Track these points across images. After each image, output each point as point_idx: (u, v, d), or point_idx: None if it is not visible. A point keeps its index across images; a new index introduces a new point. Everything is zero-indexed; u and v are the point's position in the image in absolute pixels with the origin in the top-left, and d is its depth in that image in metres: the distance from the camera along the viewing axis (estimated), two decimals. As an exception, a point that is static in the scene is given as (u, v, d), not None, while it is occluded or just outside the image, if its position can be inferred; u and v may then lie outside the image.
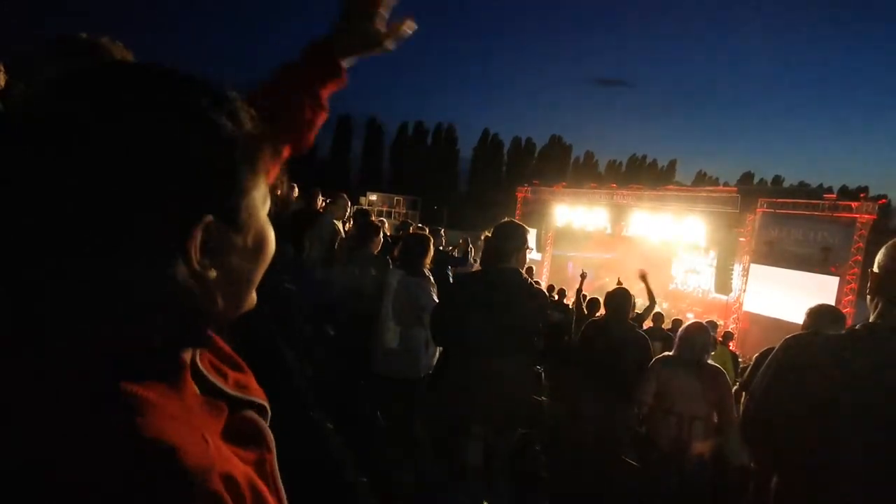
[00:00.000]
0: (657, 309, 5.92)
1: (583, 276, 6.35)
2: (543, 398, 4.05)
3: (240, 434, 0.48)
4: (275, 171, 0.50)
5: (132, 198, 0.38)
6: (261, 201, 0.48)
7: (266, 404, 0.56)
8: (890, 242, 1.28)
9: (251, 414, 0.53)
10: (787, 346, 1.35)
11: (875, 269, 1.27)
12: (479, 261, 2.79)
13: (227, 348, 0.57)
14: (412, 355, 3.03)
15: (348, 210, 5.17)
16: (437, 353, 3.00)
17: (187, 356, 0.45)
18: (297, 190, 6.85)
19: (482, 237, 2.81)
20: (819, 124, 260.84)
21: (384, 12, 0.82)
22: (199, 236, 0.41)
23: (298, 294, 5.09)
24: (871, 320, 1.27)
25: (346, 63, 0.85)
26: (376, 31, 0.83)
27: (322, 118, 0.85)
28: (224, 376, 0.54)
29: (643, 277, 5.10)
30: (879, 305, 1.25)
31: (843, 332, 1.30)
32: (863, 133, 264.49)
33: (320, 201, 5.79)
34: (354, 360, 3.46)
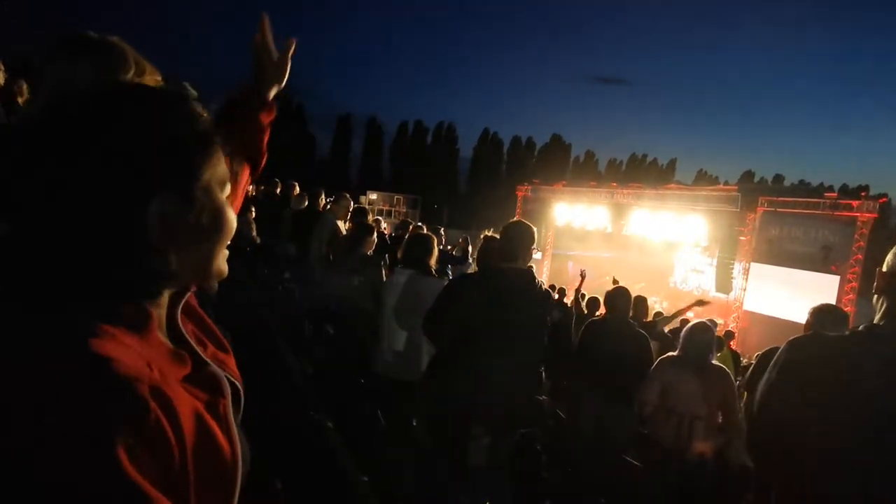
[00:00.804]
0: (658, 308, 5.92)
1: (582, 276, 6.36)
2: (544, 397, 4.05)
3: (199, 382, 0.56)
4: (232, 161, 0.62)
5: (103, 173, 0.49)
6: (217, 185, 0.57)
7: (239, 385, 0.63)
8: None
9: (213, 369, 0.61)
10: (790, 348, 1.34)
11: (884, 268, 1.25)
12: (476, 260, 2.78)
13: (218, 333, 0.68)
14: (414, 356, 3.02)
15: (349, 210, 5.18)
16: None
17: (153, 310, 0.54)
18: (297, 189, 6.85)
19: (481, 236, 2.81)
20: (820, 123, 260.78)
21: (271, 45, 1.03)
22: (154, 209, 0.50)
23: (300, 293, 5.09)
24: (875, 321, 1.26)
25: (271, 95, 1.05)
26: (276, 63, 1.03)
27: (265, 138, 1.06)
28: (204, 346, 0.63)
29: (700, 303, 5.35)
30: (885, 305, 1.24)
31: (847, 332, 1.28)
32: (864, 131, 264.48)
33: (323, 201, 5.79)
34: (355, 360, 3.46)
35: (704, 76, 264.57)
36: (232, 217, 0.59)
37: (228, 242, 0.60)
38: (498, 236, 2.71)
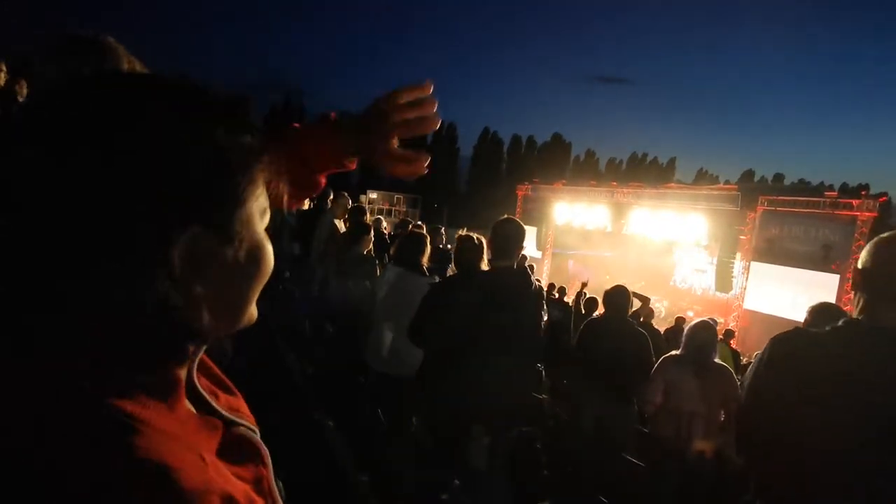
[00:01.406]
0: (658, 307, 5.94)
1: (584, 284, 6.41)
2: (544, 396, 4.05)
3: (236, 451, 0.47)
4: (277, 187, 0.48)
5: (113, 204, 0.37)
6: (258, 215, 0.46)
7: (256, 429, 0.54)
8: (874, 240, 1.29)
9: (245, 430, 0.52)
10: (773, 344, 1.36)
11: (859, 265, 1.28)
12: (454, 261, 2.77)
13: (217, 371, 0.56)
14: (410, 354, 3.02)
15: (347, 208, 5.19)
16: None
17: (181, 372, 0.44)
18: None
19: (455, 236, 2.81)
20: (820, 122, 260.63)
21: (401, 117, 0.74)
22: (184, 247, 0.39)
23: (300, 292, 5.10)
24: (855, 316, 1.28)
25: (349, 160, 0.77)
26: (381, 150, 0.75)
27: (308, 194, 0.80)
28: (216, 397, 0.52)
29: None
30: (861, 302, 1.27)
31: (828, 328, 1.31)
32: (864, 130, 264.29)
33: (330, 201, 5.80)
34: (354, 359, 3.46)
35: (705, 75, 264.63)
36: (271, 255, 0.48)
37: (264, 283, 0.49)
38: (473, 236, 2.70)
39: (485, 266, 2.64)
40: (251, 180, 0.44)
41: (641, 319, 5.64)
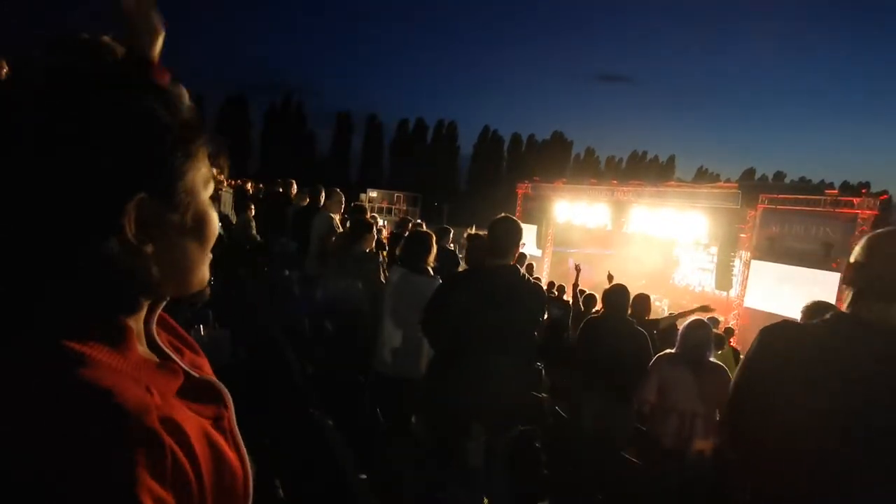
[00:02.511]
0: (658, 305, 5.89)
1: (577, 270, 6.37)
2: (543, 395, 4.05)
3: (197, 394, 0.52)
4: (218, 158, 0.54)
5: (69, 175, 0.42)
6: (200, 184, 0.51)
7: (221, 387, 0.58)
8: (868, 235, 1.31)
9: (208, 377, 0.57)
10: (761, 336, 1.38)
11: (851, 259, 1.30)
12: (465, 258, 2.77)
13: (185, 335, 0.62)
14: (412, 354, 3.02)
15: (343, 205, 5.19)
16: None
17: (131, 322, 0.49)
18: (294, 187, 6.87)
19: (464, 235, 2.81)
20: (820, 120, 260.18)
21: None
22: (132, 212, 0.45)
23: (300, 291, 5.09)
24: (844, 309, 1.30)
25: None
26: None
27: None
28: (180, 354, 0.58)
29: (704, 309, 5.34)
30: (849, 296, 1.29)
31: (815, 321, 1.33)
32: (865, 128, 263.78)
33: (323, 197, 5.80)
34: (355, 358, 3.47)
35: (705, 73, 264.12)
36: (215, 221, 0.54)
37: (210, 247, 0.54)
38: (482, 234, 2.70)
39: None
40: (191, 153, 0.50)
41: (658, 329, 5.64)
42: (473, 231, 2.56)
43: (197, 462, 0.45)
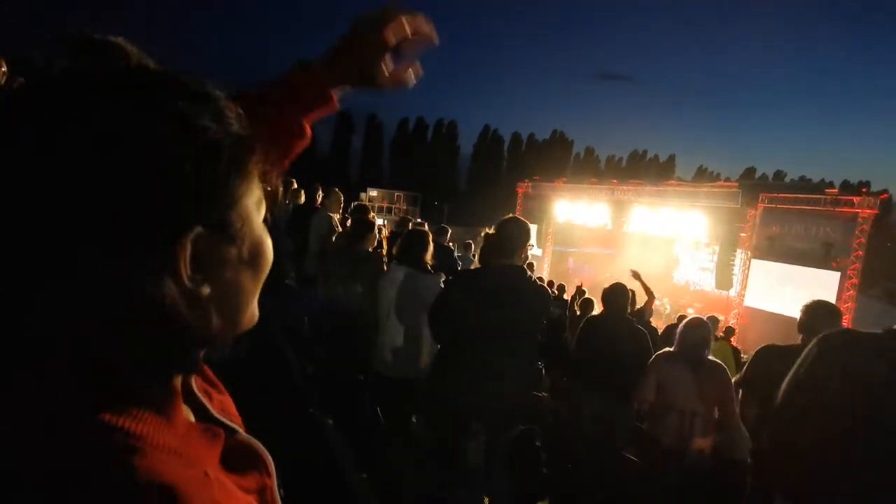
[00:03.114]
0: (658, 304, 5.92)
1: (579, 287, 6.43)
2: (543, 394, 4.05)
3: (239, 460, 0.45)
4: (271, 175, 0.46)
5: (111, 212, 0.34)
6: (255, 208, 0.44)
7: (262, 449, 0.51)
8: None
9: (248, 437, 0.50)
10: (820, 345, 1.34)
11: None
12: (478, 257, 2.77)
13: (207, 369, 0.54)
14: (413, 353, 3.02)
15: (342, 204, 5.18)
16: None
17: (178, 382, 0.42)
18: (295, 185, 6.86)
19: (482, 233, 2.81)
20: (821, 119, 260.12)
21: (394, 46, 0.68)
22: (188, 250, 0.37)
23: (300, 290, 5.09)
24: None
25: (337, 93, 0.71)
26: (377, 69, 0.69)
27: (302, 146, 0.74)
28: (209, 398, 0.50)
29: (636, 276, 5.23)
30: None
31: (883, 331, 1.30)
32: (865, 128, 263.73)
33: (320, 197, 5.80)
34: (355, 358, 3.47)
35: (705, 72, 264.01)
36: (270, 248, 0.46)
37: (264, 278, 0.46)
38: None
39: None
40: (245, 174, 0.42)
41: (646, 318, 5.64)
42: (491, 230, 2.55)
43: None
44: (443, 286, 2.89)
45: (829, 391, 1.26)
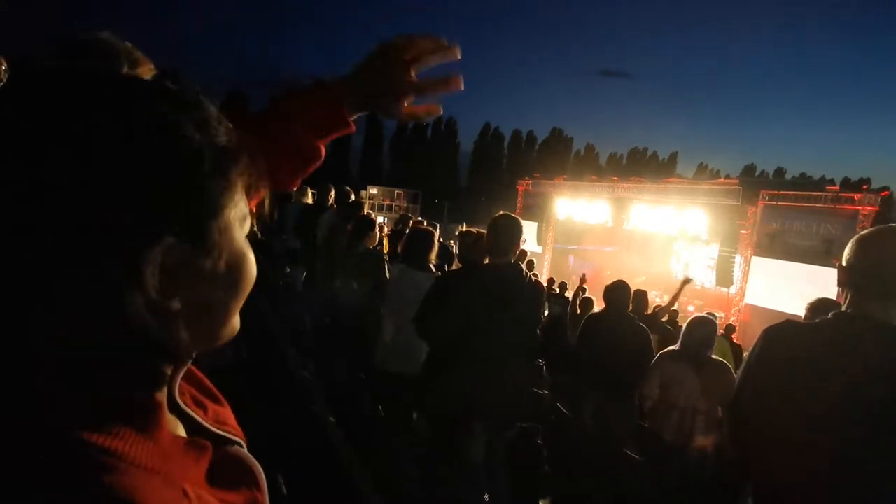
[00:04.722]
0: (658, 302, 5.92)
1: (582, 279, 6.42)
2: (544, 392, 4.06)
3: (227, 474, 0.44)
4: (258, 189, 0.44)
5: (74, 216, 0.33)
6: (237, 221, 0.42)
7: (244, 443, 0.50)
8: (855, 238, 1.33)
9: (238, 450, 0.48)
10: (765, 336, 1.40)
11: (843, 262, 1.33)
12: (458, 256, 2.78)
13: (203, 379, 0.52)
14: (412, 350, 3.02)
15: (331, 198, 5.17)
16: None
17: (160, 396, 0.40)
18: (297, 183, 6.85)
19: (456, 232, 2.82)
20: (821, 116, 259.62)
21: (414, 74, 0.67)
22: (157, 261, 0.35)
23: (301, 288, 5.09)
24: (844, 309, 1.33)
25: (353, 116, 0.70)
26: (395, 107, 0.68)
27: (316, 166, 0.72)
28: (204, 409, 0.49)
29: (686, 282, 5.36)
30: (848, 297, 1.32)
31: (817, 320, 1.36)
32: (866, 124, 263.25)
33: (332, 197, 5.76)
34: (356, 355, 3.47)
35: (706, 69, 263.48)
36: (253, 264, 0.44)
37: (246, 296, 0.45)
38: (474, 231, 2.70)
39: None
40: (228, 186, 0.40)
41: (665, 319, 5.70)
42: (465, 228, 2.55)
43: None
44: (434, 283, 2.87)
45: (778, 381, 1.30)
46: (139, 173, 0.34)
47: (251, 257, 0.44)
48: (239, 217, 0.42)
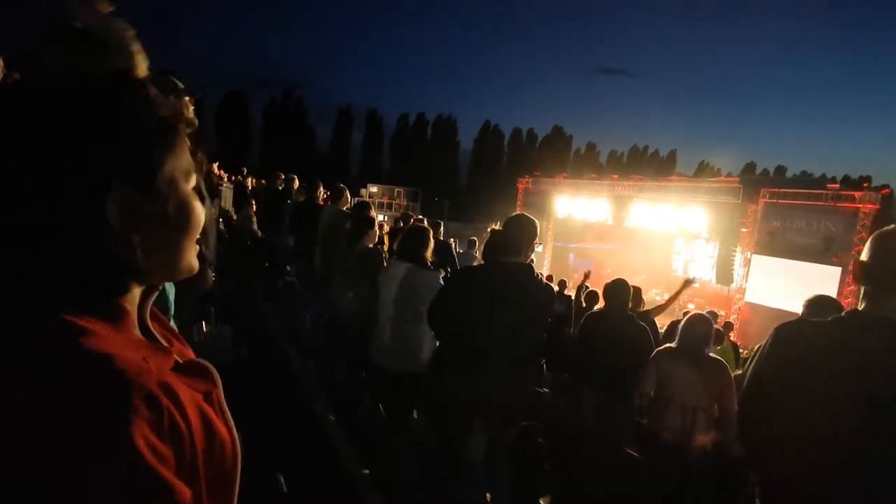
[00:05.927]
0: (658, 300, 5.89)
1: (586, 276, 6.38)
2: (545, 390, 4.06)
3: (188, 372, 0.54)
4: (201, 152, 0.57)
5: (62, 169, 0.46)
6: (182, 175, 0.54)
7: (210, 367, 0.59)
8: (877, 233, 1.32)
9: (197, 360, 0.59)
10: (776, 333, 1.39)
11: (862, 258, 1.31)
12: (482, 253, 2.76)
13: (172, 328, 0.64)
14: (413, 347, 3.02)
15: (349, 201, 5.15)
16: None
17: (127, 305, 0.52)
18: (296, 182, 6.84)
19: (488, 229, 2.80)
20: (822, 114, 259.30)
21: None
22: (116, 200, 0.48)
23: (301, 287, 5.09)
24: (859, 307, 1.31)
25: None
26: None
27: None
28: (170, 344, 0.60)
29: (688, 283, 5.24)
30: (864, 293, 1.30)
31: (831, 319, 1.34)
32: (866, 122, 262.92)
33: (322, 193, 5.77)
34: (356, 354, 3.47)
35: (706, 67, 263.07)
36: (199, 210, 0.56)
37: (197, 236, 0.57)
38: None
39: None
40: (169, 144, 0.52)
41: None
42: (497, 226, 2.53)
43: (190, 426, 0.48)
44: (443, 282, 2.87)
45: (788, 379, 1.29)
46: (97, 139, 0.47)
47: (196, 204, 0.56)
48: (183, 171, 0.54)
